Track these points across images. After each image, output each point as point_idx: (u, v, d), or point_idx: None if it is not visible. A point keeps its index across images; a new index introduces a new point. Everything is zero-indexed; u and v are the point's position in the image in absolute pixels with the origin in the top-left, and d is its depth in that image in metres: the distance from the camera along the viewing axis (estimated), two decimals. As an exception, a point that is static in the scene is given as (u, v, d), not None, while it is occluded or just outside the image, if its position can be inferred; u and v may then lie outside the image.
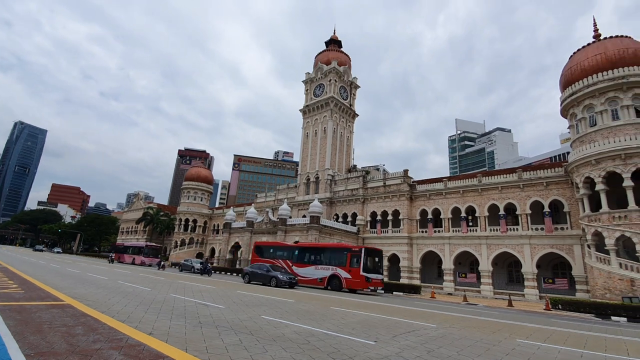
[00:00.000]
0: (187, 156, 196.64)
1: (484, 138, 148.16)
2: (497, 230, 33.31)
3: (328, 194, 47.70)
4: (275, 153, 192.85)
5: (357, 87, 57.86)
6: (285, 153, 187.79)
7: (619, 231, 23.82)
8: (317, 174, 50.42)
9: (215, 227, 68.40)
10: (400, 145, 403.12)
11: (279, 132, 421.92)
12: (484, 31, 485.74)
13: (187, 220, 67.82)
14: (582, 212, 27.09)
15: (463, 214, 35.89)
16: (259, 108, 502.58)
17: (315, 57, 58.33)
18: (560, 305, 21.03)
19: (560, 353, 7.22)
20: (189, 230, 67.47)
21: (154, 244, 56.51)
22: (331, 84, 52.73)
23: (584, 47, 29.30)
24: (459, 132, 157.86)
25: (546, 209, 30.87)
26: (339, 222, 44.16)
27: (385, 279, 37.37)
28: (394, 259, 39.36)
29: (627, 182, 23.92)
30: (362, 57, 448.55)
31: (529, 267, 30.52)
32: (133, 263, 48.55)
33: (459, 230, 35.91)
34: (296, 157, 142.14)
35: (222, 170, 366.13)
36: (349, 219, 44.91)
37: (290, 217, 42.64)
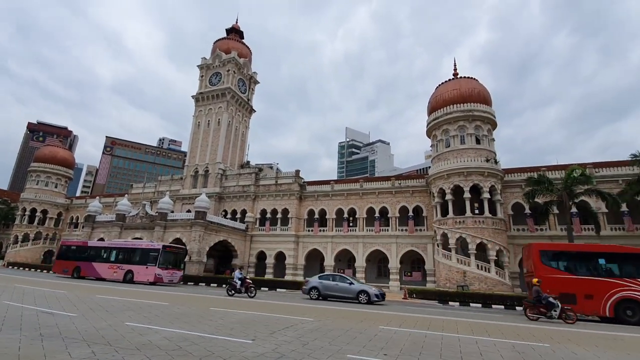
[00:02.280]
0: (39, 131, 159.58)
1: (368, 147, 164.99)
2: (372, 230, 37.46)
3: (218, 189, 45.57)
4: (160, 140, 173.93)
5: (256, 82, 57.03)
6: (172, 141, 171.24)
7: (458, 233, 29.71)
8: (207, 167, 47.60)
9: (74, 220, 57.57)
10: (294, 146, 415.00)
11: (167, 117, 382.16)
12: (374, 53, 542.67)
13: (33, 211, 55.19)
14: (435, 216, 32.79)
15: (346, 215, 39.15)
16: (143, 87, 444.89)
17: (214, 43, 55.13)
18: (414, 295, 24.97)
19: (410, 335, 8.56)
20: (35, 223, 54.97)
21: (174, 245, 30.77)
22: (229, 75, 50.62)
23: (446, 81, 35.62)
24: (348, 139, 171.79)
25: (410, 213, 36.25)
26: (227, 218, 42.64)
27: (271, 277, 37.92)
28: (281, 257, 40.20)
29: (466, 195, 30.08)
30: (263, 53, 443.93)
31: (394, 263, 35.29)
32: (129, 280, 25.86)
33: (341, 230, 38.99)
34: (184, 147, 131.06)
35: (89, 153, 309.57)
36: (239, 215, 43.84)
37: (172, 212, 39.10)
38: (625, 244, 28.15)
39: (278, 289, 29.01)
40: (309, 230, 40.82)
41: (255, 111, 56.23)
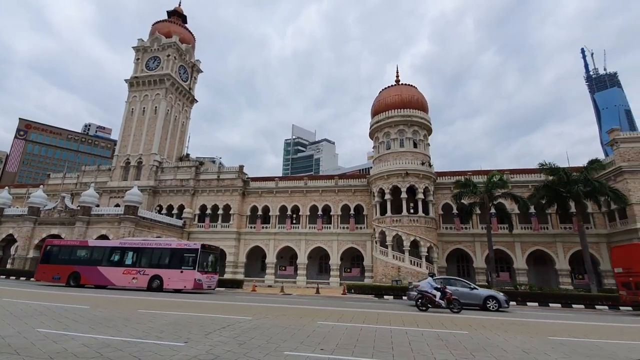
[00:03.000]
0: None
1: (313, 146, 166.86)
2: (314, 227, 37.97)
3: (152, 182, 42.43)
4: (86, 126, 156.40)
5: (199, 71, 54.16)
6: (100, 128, 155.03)
7: (395, 231, 31.48)
8: (140, 158, 44.03)
9: (-28, 214, 49.23)
10: (239, 140, 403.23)
11: (95, 101, 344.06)
12: (324, 54, 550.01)
13: None
14: (375, 215, 34.35)
15: (289, 212, 39.14)
16: (68, 66, 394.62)
17: (154, 25, 51.11)
18: (353, 290, 25.91)
19: (347, 329, 8.86)
20: None
21: (211, 244, 25.89)
22: (170, 60, 47.36)
23: (389, 87, 37.44)
24: (294, 137, 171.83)
25: (352, 212, 37.48)
26: (162, 214, 39.93)
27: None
28: (221, 255, 38.80)
29: (403, 195, 31.99)
30: (210, 42, 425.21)
31: (335, 260, 36.22)
32: (156, 287, 21.35)
33: (284, 227, 38.89)
34: (115, 135, 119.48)
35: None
36: (175, 211, 41.32)
37: (98, 206, 35.49)
38: (533, 241, 32.39)
39: (216, 288, 27.98)
40: (251, 227, 40.04)
41: (197, 101, 53.41)
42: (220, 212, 40.26)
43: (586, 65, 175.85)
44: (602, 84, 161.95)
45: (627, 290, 18.64)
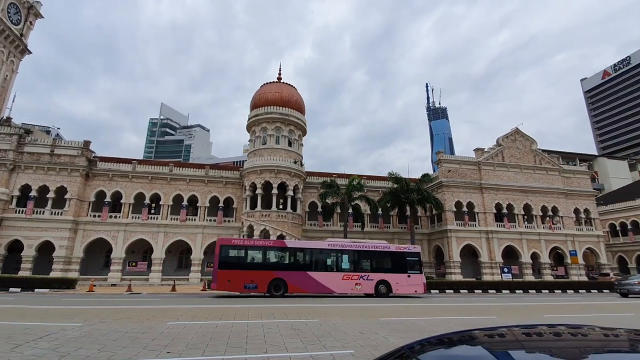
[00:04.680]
0: None
1: (185, 130, 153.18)
2: (176, 219, 34.89)
3: (-60, 149, 30.84)
4: None
5: (38, 15, 42.41)
6: None
7: (263, 225, 31.92)
8: None
9: None
10: (90, 112, 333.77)
11: None
12: (205, 32, 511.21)
13: None
14: (245, 209, 34.01)
15: (147, 201, 34.77)
16: None
17: (-37, -64, 37.26)
18: (214, 285, 24.92)
19: (200, 328, 8.47)
20: None
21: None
22: (-13, -10, 35.46)
23: (271, 82, 37.72)
24: (162, 117, 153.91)
25: (221, 204, 36.07)
26: (-46, 193, 29.48)
27: (26, 273, 28.93)
28: (48, 248, 31.35)
29: (274, 190, 32.77)
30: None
31: (197, 254, 34.13)
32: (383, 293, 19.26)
33: (139, 217, 34.33)
34: None
35: None
36: (-22, 190, 31.12)
37: None
38: (378, 238, 38.00)
39: (37, 289, 22.54)
40: (95, 216, 33.79)
41: (30, 52, 41.73)
42: (51, 195, 32.46)
43: (428, 98, 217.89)
44: (436, 115, 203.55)
45: None
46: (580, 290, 28.56)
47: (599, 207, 43.39)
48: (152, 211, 35.00)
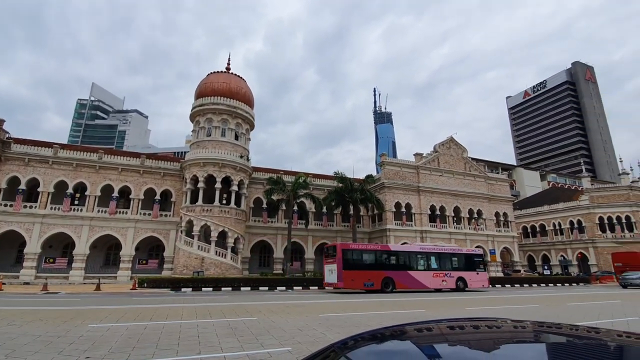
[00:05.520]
0: None
1: (119, 115, 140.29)
2: (105, 212, 31.89)
3: None
4: None
5: None
6: None
7: (204, 220, 30.56)
8: None
9: None
10: (4, 86, 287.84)
11: None
12: (148, 12, 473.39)
13: None
14: (184, 203, 32.25)
15: (70, 190, 31.25)
16: None
17: None
18: (146, 284, 23.28)
19: (127, 330, 7.85)
20: None
21: None
22: None
23: (219, 72, 36.17)
24: (93, 98, 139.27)
25: (157, 197, 33.75)
26: None
27: None
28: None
29: (218, 185, 31.54)
30: None
31: (128, 250, 31.56)
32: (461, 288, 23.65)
33: (59, 208, 30.70)
34: None
35: None
36: None
37: None
38: (321, 235, 38.53)
39: None
40: (6, 205, 29.48)
41: None
42: (-55, 179, 27.61)
43: (375, 102, 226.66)
44: (382, 119, 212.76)
45: None
46: (496, 285, 31.97)
47: (515, 212, 48.94)
48: (76, 202, 31.56)
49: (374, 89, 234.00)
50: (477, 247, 41.03)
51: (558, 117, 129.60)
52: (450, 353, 1.36)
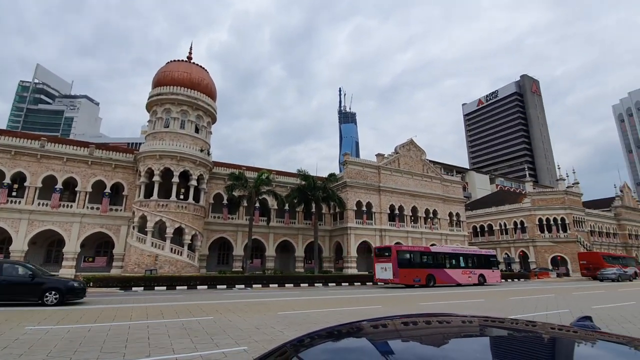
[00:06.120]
0: None
1: (66, 100, 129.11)
2: (46, 205, 29.25)
3: None
4: None
5: None
6: None
7: (159, 216, 29.10)
8: None
9: None
10: None
11: None
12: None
13: None
14: (137, 197, 30.48)
15: (7, 181, 28.26)
16: None
17: None
18: (92, 283, 21.67)
19: (69, 332, 7.28)
20: None
21: None
22: None
23: (179, 60, 34.54)
24: (37, 81, 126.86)
25: (107, 190, 31.59)
26: None
27: None
28: None
29: (175, 179, 30.17)
30: None
31: (72, 246, 29.23)
32: (482, 283, 28.00)
33: (-9, 200, 27.63)
34: None
35: None
36: None
37: None
38: (283, 233, 38.31)
39: None
40: None
41: None
42: None
43: (340, 102, 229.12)
44: (347, 119, 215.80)
45: None
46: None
47: (466, 212, 51.97)
48: (14, 194, 28.66)
49: (340, 88, 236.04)
50: (431, 245, 43.09)
51: (507, 125, 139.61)
52: (403, 349, 1.39)
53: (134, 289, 21.19)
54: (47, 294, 11.67)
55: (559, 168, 58.05)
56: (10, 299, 11.65)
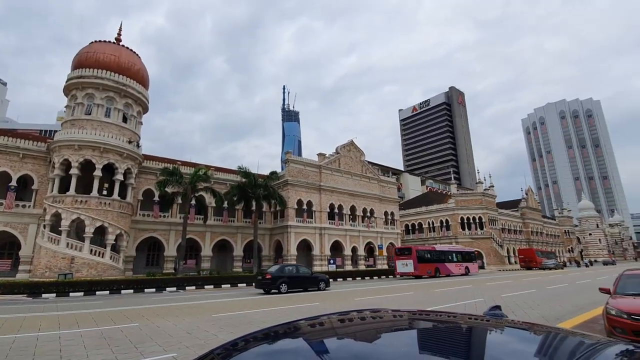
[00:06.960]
0: None
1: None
2: None
3: None
4: None
5: None
6: None
7: (76, 214, 26.00)
8: None
9: None
10: None
11: None
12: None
13: None
14: (50, 192, 26.89)
15: None
16: None
17: None
18: (-12, 291, 18.57)
19: (-48, 351, 6.11)
20: None
21: None
22: None
23: (106, 41, 31.23)
24: None
25: (13, 183, 27.34)
26: None
27: None
28: None
29: (98, 173, 27.22)
30: None
31: (-39, 249, 24.69)
32: (466, 273, 35.50)
33: None
34: None
35: None
36: None
37: None
38: (221, 232, 36.89)
39: None
40: None
41: None
42: None
43: (284, 99, 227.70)
44: (290, 117, 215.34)
45: None
46: (382, 276, 35.63)
47: (400, 211, 55.38)
48: None
49: (284, 86, 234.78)
50: (368, 242, 45.12)
51: (437, 132, 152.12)
52: (339, 347, 1.40)
53: (44, 295, 18.63)
54: None
55: (478, 172, 64.71)
56: None
